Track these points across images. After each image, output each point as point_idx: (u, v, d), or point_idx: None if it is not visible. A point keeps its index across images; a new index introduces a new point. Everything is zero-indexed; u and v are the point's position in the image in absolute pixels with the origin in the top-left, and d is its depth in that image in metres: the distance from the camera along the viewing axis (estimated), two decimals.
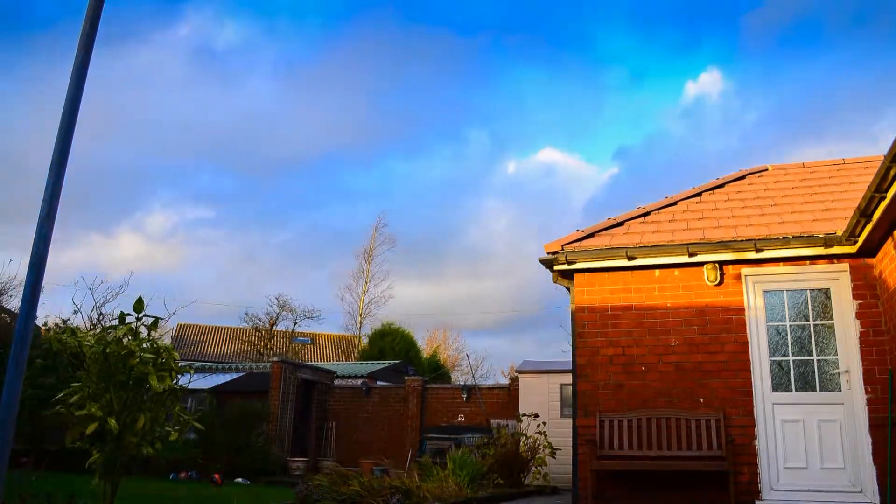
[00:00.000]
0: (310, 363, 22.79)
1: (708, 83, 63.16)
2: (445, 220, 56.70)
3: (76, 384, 5.34)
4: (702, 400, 7.39)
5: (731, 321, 7.50)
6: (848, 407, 6.99)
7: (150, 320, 5.57)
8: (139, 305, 5.56)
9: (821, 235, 7.15)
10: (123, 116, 51.44)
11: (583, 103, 60.93)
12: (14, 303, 19.18)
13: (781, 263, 7.47)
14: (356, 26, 57.72)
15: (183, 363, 6.04)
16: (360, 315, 37.52)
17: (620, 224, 8.56)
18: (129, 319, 5.54)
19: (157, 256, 55.42)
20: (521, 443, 11.58)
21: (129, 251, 54.72)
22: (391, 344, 27.40)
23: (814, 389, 7.20)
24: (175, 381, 5.62)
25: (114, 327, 5.55)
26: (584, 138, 65.03)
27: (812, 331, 7.36)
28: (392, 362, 23.12)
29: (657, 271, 7.87)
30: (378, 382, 19.50)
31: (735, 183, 9.53)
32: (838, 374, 7.12)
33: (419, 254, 53.16)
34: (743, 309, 7.50)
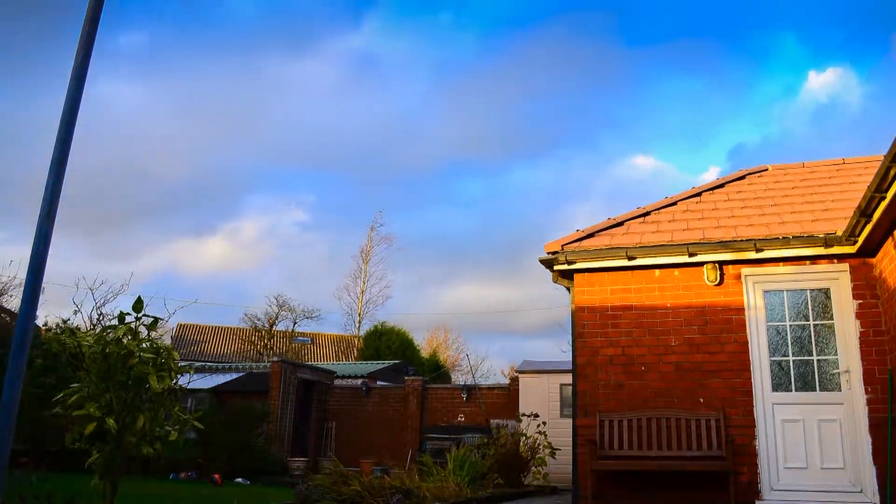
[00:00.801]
0: (310, 363, 22.79)
1: (835, 83, 60.33)
2: (540, 225, 56.00)
3: (76, 384, 5.33)
4: (702, 400, 7.39)
5: (731, 321, 7.50)
6: (848, 407, 6.99)
7: (150, 320, 5.57)
8: (138, 305, 5.56)
9: (821, 235, 7.15)
10: (271, 122, 52.75)
11: (708, 103, 59.04)
12: (14, 303, 19.17)
13: (781, 263, 7.47)
14: (521, 35, 57.34)
15: (183, 363, 6.05)
16: (359, 315, 37.53)
17: (620, 224, 8.56)
18: (128, 319, 5.54)
19: (242, 258, 56.16)
20: (521, 443, 11.58)
21: (215, 253, 55.91)
22: (387, 343, 27.39)
23: (814, 389, 7.20)
24: (175, 381, 5.62)
25: (113, 327, 5.54)
26: (691, 140, 63.81)
27: (812, 331, 7.36)
28: (392, 362, 23.12)
29: (657, 271, 7.87)
30: (378, 382, 19.50)
31: (735, 183, 9.53)
32: (838, 374, 7.12)
33: (504, 257, 53.45)
34: (743, 309, 7.50)
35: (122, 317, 5.54)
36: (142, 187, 49.93)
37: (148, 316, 5.55)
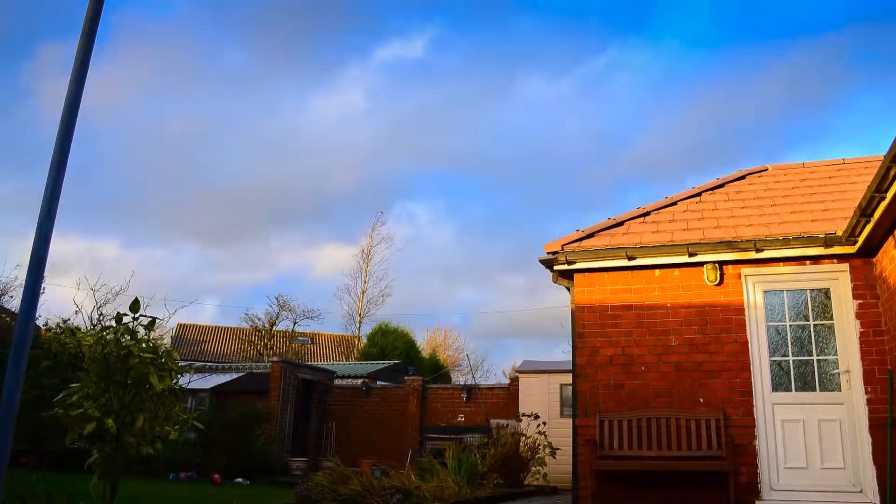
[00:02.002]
0: (310, 363, 22.80)
1: None
2: None
3: (76, 384, 5.34)
4: (702, 400, 7.39)
5: (731, 321, 7.50)
6: (848, 407, 6.99)
7: (147, 320, 5.57)
8: (135, 306, 5.56)
9: (821, 235, 7.15)
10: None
11: None
12: (14, 303, 19.17)
13: (781, 263, 7.47)
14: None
15: (183, 363, 6.05)
16: (360, 315, 37.53)
17: (620, 224, 8.56)
18: (125, 320, 5.54)
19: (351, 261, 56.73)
20: (521, 443, 11.57)
21: (335, 257, 57.21)
22: (393, 343, 27.42)
23: (814, 389, 7.20)
24: (175, 381, 5.62)
25: (110, 327, 5.54)
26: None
27: (812, 331, 7.35)
28: (392, 362, 23.13)
29: (657, 271, 7.87)
30: (378, 382, 19.50)
31: (735, 183, 9.52)
32: (838, 374, 7.12)
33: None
34: (743, 309, 7.50)
35: (119, 317, 5.54)
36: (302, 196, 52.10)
37: (145, 316, 5.56)
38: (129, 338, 5.41)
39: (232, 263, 56.22)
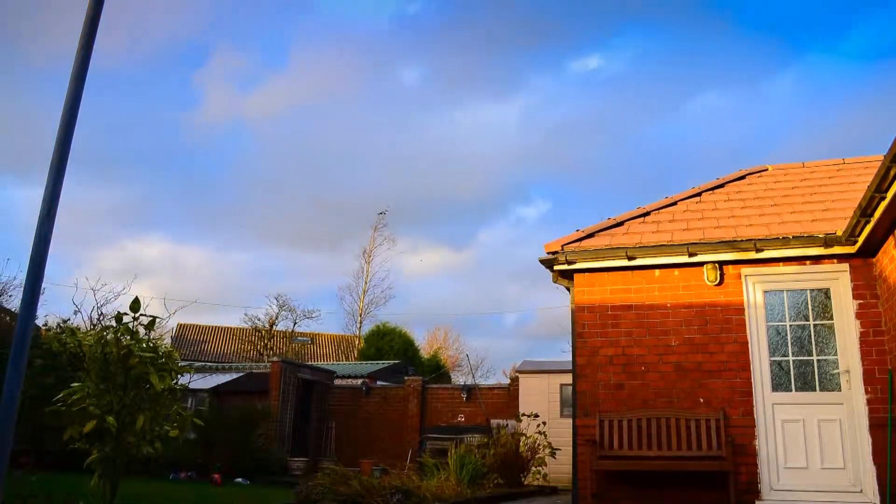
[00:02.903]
0: (310, 363, 22.79)
1: None
2: None
3: (76, 384, 5.33)
4: (702, 400, 7.39)
5: (731, 321, 7.50)
6: (848, 407, 6.99)
7: (147, 320, 5.57)
8: (136, 305, 5.56)
9: (821, 235, 7.15)
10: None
11: None
12: (14, 303, 19.18)
13: (781, 263, 7.47)
14: None
15: (183, 363, 6.05)
16: (360, 315, 37.53)
17: (620, 224, 8.56)
18: (125, 319, 5.54)
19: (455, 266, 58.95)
20: (521, 443, 11.57)
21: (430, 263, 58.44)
22: (389, 343, 27.42)
23: (814, 389, 7.20)
24: (175, 381, 5.62)
25: (110, 327, 5.54)
26: None
27: (812, 331, 7.35)
28: (392, 362, 23.12)
29: (657, 271, 7.87)
30: (378, 382, 19.50)
31: (735, 183, 9.52)
32: (838, 374, 7.12)
33: None
34: (743, 309, 7.50)
35: (119, 317, 5.54)
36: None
37: (146, 315, 5.56)
38: (129, 337, 5.41)
39: (325, 268, 57.77)
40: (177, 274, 54.61)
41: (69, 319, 15.50)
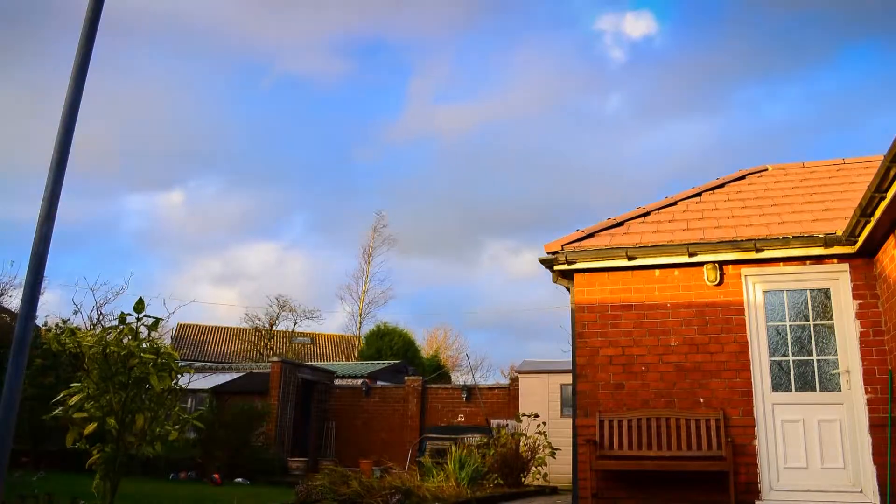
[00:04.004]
0: (310, 363, 22.79)
1: None
2: None
3: (76, 385, 5.33)
4: (702, 400, 7.39)
5: (731, 321, 7.50)
6: (848, 407, 6.99)
7: (151, 321, 5.57)
8: (139, 306, 5.56)
9: (821, 235, 7.15)
10: None
11: None
12: (14, 303, 19.19)
13: (781, 263, 7.47)
14: None
15: (183, 363, 6.05)
16: (360, 315, 37.54)
17: (620, 224, 8.56)
18: (129, 320, 5.54)
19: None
20: (521, 443, 11.57)
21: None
22: (389, 344, 27.44)
23: (814, 389, 7.20)
24: (175, 382, 5.62)
25: (113, 328, 5.54)
26: None
27: (812, 331, 7.35)
28: (392, 362, 23.13)
29: (657, 271, 7.87)
30: (378, 382, 19.50)
31: (735, 183, 9.52)
32: (838, 374, 7.12)
33: None
34: (743, 309, 7.50)
35: (122, 317, 5.54)
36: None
37: (149, 316, 5.56)
38: (130, 338, 5.41)
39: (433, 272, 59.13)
40: (281, 278, 55.96)
41: (69, 319, 15.52)
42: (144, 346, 5.45)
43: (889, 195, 5.69)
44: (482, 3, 58.21)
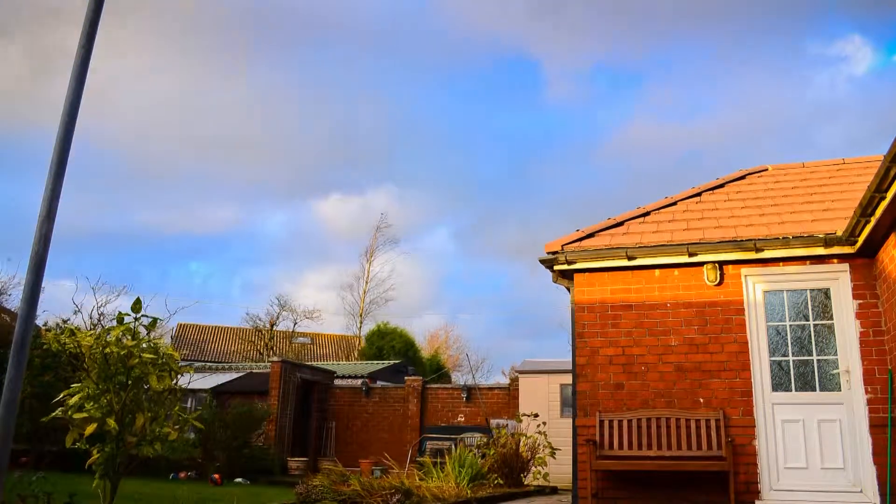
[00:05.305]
0: (310, 363, 22.80)
1: None
2: None
3: (76, 385, 5.33)
4: (702, 400, 7.39)
5: (731, 321, 7.50)
6: (848, 407, 6.99)
7: (149, 320, 5.57)
8: (137, 306, 5.56)
9: (821, 235, 7.15)
10: None
11: None
12: (14, 303, 19.18)
13: (781, 263, 7.47)
14: None
15: (183, 363, 6.05)
16: (361, 315, 37.54)
17: (620, 224, 8.56)
18: (127, 320, 5.54)
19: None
20: (521, 443, 11.56)
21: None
22: (390, 344, 27.45)
23: (814, 389, 7.19)
24: (175, 382, 5.62)
25: (112, 328, 5.54)
26: None
27: (812, 331, 7.35)
28: (392, 362, 23.14)
29: (657, 271, 7.87)
30: (378, 382, 19.51)
31: (735, 183, 9.52)
32: (838, 374, 7.12)
33: None
34: (743, 309, 7.50)
35: (120, 317, 5.54)
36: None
37: (147, 316, 5.56)
38: (129, 338, 5.41)
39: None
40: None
41: (69, 319, 15.52)
42: (144, 346, 5.45)
43: (889, 195, 5.69)
44: None
